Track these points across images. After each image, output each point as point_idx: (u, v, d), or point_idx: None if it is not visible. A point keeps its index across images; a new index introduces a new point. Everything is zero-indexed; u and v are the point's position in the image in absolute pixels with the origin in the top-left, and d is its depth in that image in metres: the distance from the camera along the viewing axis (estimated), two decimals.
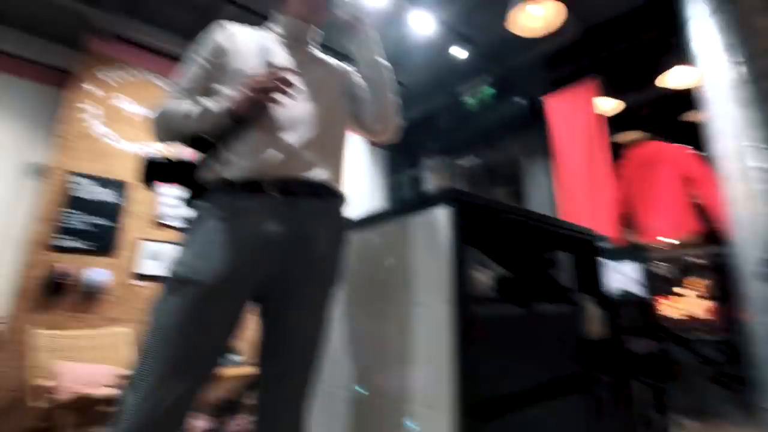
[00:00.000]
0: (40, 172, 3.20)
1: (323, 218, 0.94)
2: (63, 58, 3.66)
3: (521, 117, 3.67)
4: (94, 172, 3.17)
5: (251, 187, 0.86)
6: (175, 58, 3.76)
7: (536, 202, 3.69)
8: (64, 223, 2.92)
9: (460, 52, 3.59)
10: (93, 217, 3.04)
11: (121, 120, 3.40)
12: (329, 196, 0.97)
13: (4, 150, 3.46)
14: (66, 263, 2.82)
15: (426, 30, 3.37)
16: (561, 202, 3.32)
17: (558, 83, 3.48)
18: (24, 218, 3.13)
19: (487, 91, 3.80)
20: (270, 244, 0.85)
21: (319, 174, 0.93)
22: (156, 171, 0.91)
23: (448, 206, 0.98)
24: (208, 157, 0.90)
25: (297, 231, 0.88)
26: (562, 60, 3.49)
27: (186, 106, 0.91)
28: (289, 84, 0.86)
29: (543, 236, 1.28)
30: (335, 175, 0.98)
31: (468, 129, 4.03)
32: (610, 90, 3.30)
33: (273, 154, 0.88)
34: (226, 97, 0.90)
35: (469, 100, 4.06)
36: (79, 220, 2.98)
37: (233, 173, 0.87)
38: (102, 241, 3.03)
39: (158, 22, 3.70)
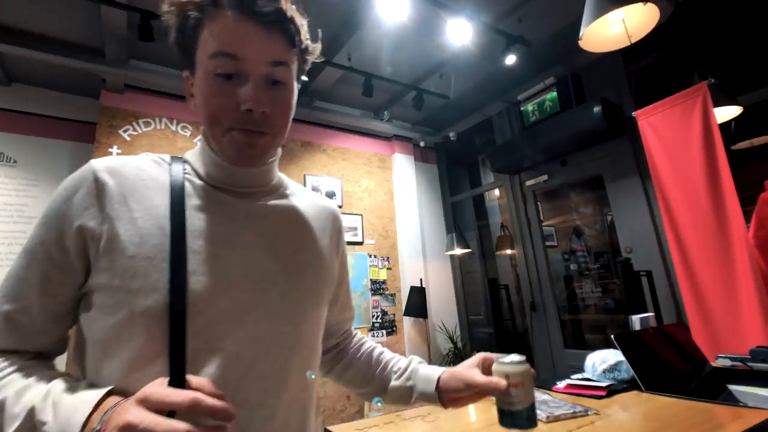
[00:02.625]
0: None
1: None
2: (93, 112, 3.54)
3: (600, 129, 2.85)
4: None
5: None
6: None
7: (628, 230, 2.94)
8: None
9: (518, 56, 2.85)
10: None
11: None
12: None
13: None
14: None
15: (473, 36, 2.67)
16: (669, 236, 2.49)
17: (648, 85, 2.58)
18: None
19: (551, 98, 3.01)
20: None
21: None
22: None
23: None
24: None
25: None
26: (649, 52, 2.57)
27: None
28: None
29: None
30: None
31: (537, 143, 3.29)
32: (720, 93, 2.34)
33: None
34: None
35: (532, 109, 3.28)
36: None
37: None
38: None
39: (164, 60, 3.41)
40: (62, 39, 3.13)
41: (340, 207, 4.05)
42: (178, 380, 0.44)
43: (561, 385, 1.33)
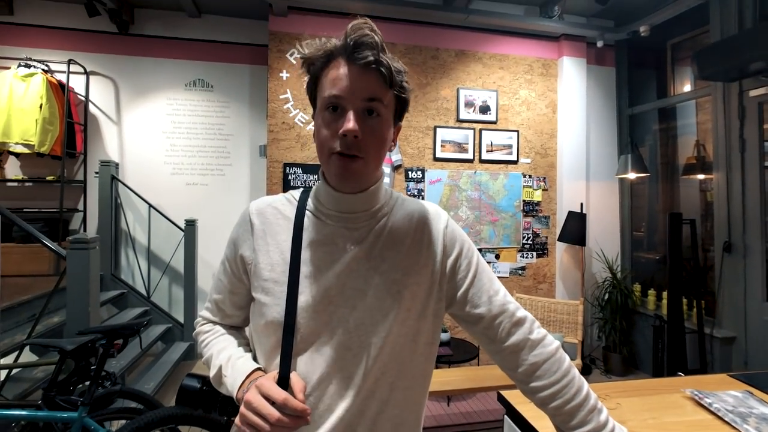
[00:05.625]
0: (265, 153, 3.71)
1: None
2: (264, 35, 3.81)
3: None
4: (300, 160, 3.48)
5: None
6: (347, 14, 3.44)
7: None
8: None
9: None
10: None
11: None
12: None
13: (241, 132, 4.13)
14: None
15: None
16: None
17: None
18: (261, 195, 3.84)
19: None
20: None
21: None
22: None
23: None
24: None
25: None
26: None
27: (208, 348, 0.78)
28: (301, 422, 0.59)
29: None
30: None
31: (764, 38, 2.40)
32: None
33: None
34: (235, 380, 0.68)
35: None
36: None
37: None
38: None
39: None
40: None
41: (494, 123, 3.79)
42: (284, 378, 0.63)
43: None
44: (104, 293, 3.43)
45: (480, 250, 3.73)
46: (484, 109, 3.78)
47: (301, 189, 0.78)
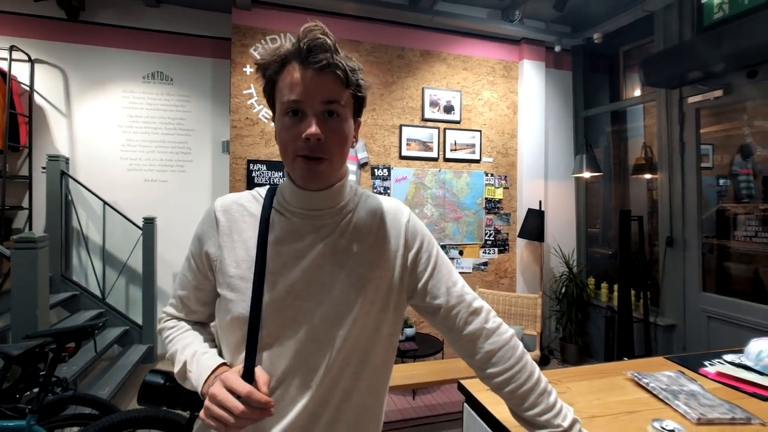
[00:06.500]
0: (228, 149, 3.63)
1: None
2: (227, 28, 3.71)
3: None
4: (264, 157, 3.43)
5: None
6: (312, 10, 3.42)
7: None
8: None
9: None
10: None
11: None
12: None
13: (203, 127, 4.01)
14: None
15: None
16: None
17: None
18: (224, 192, 3.76)
19: None
20: None
21: None
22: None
23: None
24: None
25: None
26: None
27: (172, 344, 0.78)
28: (262, 413, 0.60)
29: None
30: None
31: (720, 48, 2.60)
32: None
33: None
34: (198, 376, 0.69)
35: (719, 2, 2.52)
36: None
37: None
38: None
39: None
40: None
41: (458, 123, 3.89)
42: (248, 372, 0.64)
43: (711, 369, 1.22)
44: (54, 295, 3.24)
45: (444, 246, 3.82)
46: (449, 109, 3.87)
47: (267, 186, 0.79)
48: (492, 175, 4.02)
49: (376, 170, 3.67)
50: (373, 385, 0.75)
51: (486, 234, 3.99)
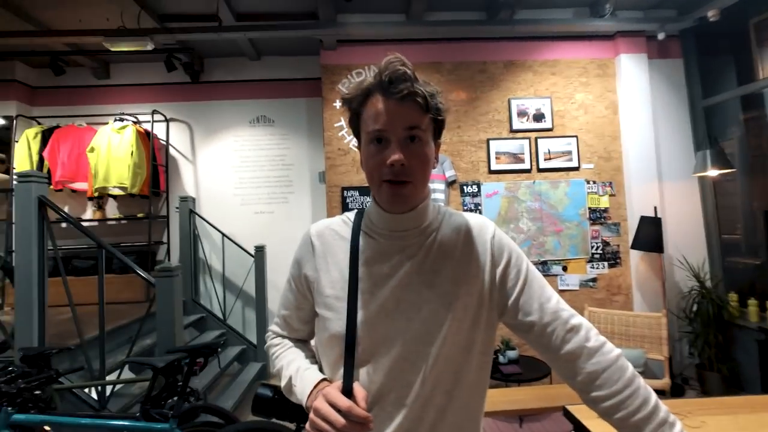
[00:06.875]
0: (324, 179, 3.90)
1: None
2: (317, 68, 4.07)
3: None
4: (356, 183, 3.62)
5: None
6: (392, 41, 3.57)
7: None
8: None
9: None
10: None
11: None
12: None
13: (301, 161, 4.39)
14: None
15: None
16: None
17: None
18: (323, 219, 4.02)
19: None
20: None
21: None
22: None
23: None
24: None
25: None
26: None
27: (279, 359, 0.85)
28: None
29: None
30: None
31: None
32: None
33: None
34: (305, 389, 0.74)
35: None
36: None
37: None
38: None
39: (373, 7, 3.51)
40: (286, 12, 3.61)
41: (550, 130, 3.68)
42: (347, 387, 0.67)
43: None
44: (187, 317, 3.75)
45: (545, 262, 3.57)
46: (539, 117, 3.69)
47: (355, 211, 0.84)
48: (594, 182, 3.68)
49: (465, 187, 3.62)
50: (467, 404, 0.73)
51: (593, 247, 3.64)
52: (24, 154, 3.86)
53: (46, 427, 1.78)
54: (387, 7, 3.54)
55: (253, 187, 4.34)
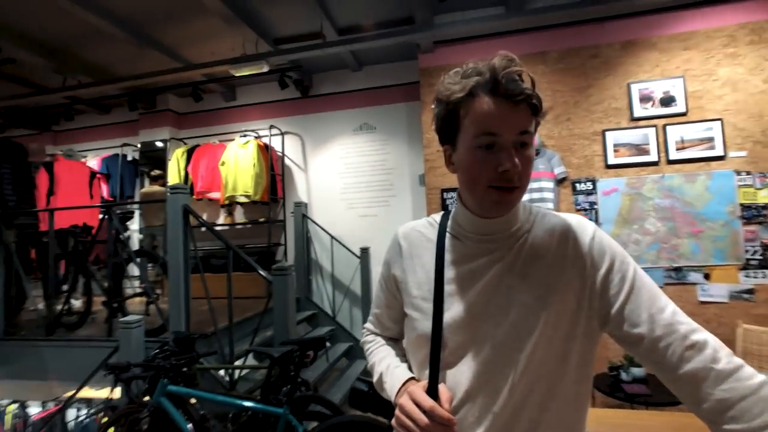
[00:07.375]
0: (424, 181, 3.91)
1: None
2: (414, 72, 4.12)
3: None
4: (455, 184, 3.54)
5: None
6: (492, 35, 3.43)
7: None
8: None
9: None
10: None
11: None
12: None
13: (402, 165, 4.47)
14: None
15: None
16: None
17: None
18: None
19: None
20: None
21: None
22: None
23: None
24: None
25: None
26: None
27: (372, 356, 0.88)
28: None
29: None
30: None
31: None
32: None
33: None
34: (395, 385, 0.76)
35: None
36: None
37: None
38: None
39: (469, 4, 3.42)
40: (383, 21, 3.72)
41: (683, 115, 3.16)
42: (432, 387, 0.67)
43: None
44: (300, 313, 4.08)
45: (679, 269, 3.07)
46: (667, 101, 3.19)
47: (441, 213, 0.83)
48: (748, 173, 3.05)
49: (577, 185, 3.30)
50: (564, 420, 0.67)
51: (747, 251, 3.01)
52: (175, 170, 4.63)
53: (192, 400, 2.10)
54: (483, 1, 3.41)
55: (357, 191, 4.56)
